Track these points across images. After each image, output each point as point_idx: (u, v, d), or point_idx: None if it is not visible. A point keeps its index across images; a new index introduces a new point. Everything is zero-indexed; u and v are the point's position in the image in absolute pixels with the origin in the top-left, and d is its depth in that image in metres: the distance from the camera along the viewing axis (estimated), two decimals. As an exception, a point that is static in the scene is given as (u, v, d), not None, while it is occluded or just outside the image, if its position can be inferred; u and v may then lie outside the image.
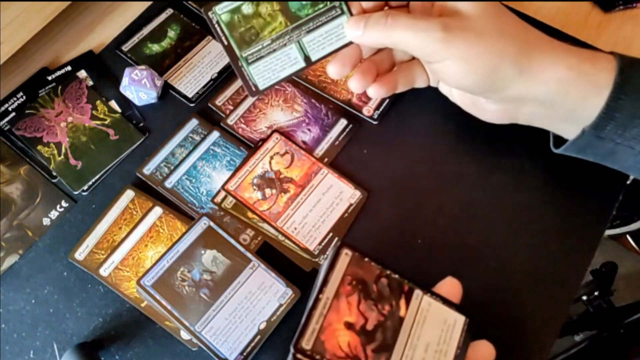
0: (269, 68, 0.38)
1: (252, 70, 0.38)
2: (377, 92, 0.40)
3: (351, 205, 0.43)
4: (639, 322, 0.90)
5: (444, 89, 0.42)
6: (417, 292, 0.31)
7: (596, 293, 0.96)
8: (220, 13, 0.36)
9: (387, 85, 0.40)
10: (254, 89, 0.39)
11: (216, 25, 0.37)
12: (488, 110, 0.39)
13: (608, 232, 1.06)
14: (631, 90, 0.32)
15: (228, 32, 0.37)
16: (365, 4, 0.37)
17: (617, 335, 0.91)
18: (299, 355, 0.28)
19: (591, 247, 0.41)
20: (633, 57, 0.34)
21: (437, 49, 0.34)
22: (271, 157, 0.45)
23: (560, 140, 0.38)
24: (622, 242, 1.10)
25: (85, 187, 0.45)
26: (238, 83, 0.49)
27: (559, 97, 0.34)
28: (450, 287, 0.33)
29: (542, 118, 0.37)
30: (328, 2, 0.37)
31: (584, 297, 0.97)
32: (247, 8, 0.36)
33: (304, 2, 0.37)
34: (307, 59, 0.39)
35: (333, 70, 0.39)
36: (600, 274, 0.97)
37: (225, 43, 0.37)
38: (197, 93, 0.49)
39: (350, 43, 0.38)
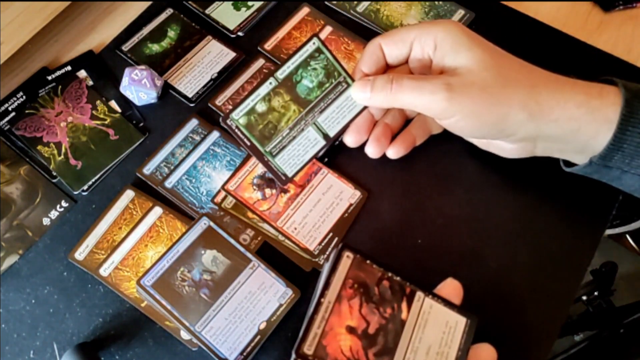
0: (293, 155, 0.40)
1: (278, 162, 0.40)
2: (397, 154, 0.42)
3: (351, 205, 0.43)
4: (639, 322, 0.90)
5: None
6: (419, 294, 0.31)
7: (596, 293, 0.96)
8: (238, 118, 0.39)
9: (405, 144, 0.42)
10: (283, 178, 0.41)
11: (236, 130, 0.39)
12: (505, 149, 0.40)
13: (608, 231, 1.06)
14: (638, 122, 0.33)
15: (248, 133, 0.39)
16: (367, 70, 0.40)
17: (617, 335, 0.91)
18: None
19: (591, 247, 0.41)
20: (634, 84, 0.35)
21: (443, 108, 0.35)
22: (271, 157, 0.45)
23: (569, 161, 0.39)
24: (622, 242, 1.10)
25: (85, 187, 0.45)
26: (238, 83, 0.49)
27: (572, 134, 0.35)
28: (451, 288, 0.33)
29: (559, 151, 0.39)
30: (332, 80, 0.40)
31: (584, 297, 0.97)
32: (261, 106, 0.38)
33: (310, 86, 0.39)
34: (326, 136, 0.41)
35: (351, 140, 0.41)
36: (600, 274, 0.97)
37: (248, 143, 0.39)
38: (197, 93, 0.49)
39: (363, 109, 0.41)
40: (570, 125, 0.34)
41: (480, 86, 0.34)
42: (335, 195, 0.43)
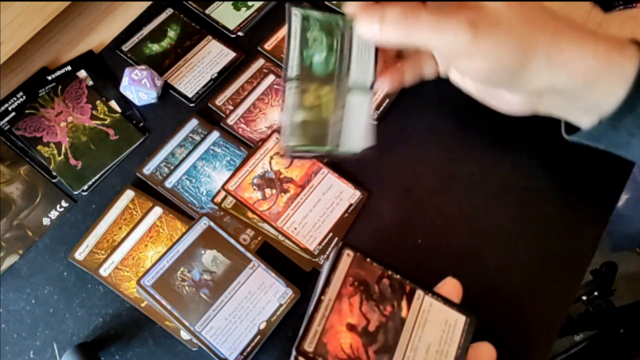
0: (352, 130, 0.36)
1: (343, 149, 0.36)
2: (382, 86, 0.38)
3: (351, 205, 0.43)
4: (639, 322, 0.90)
5: (457, 79, 0.39)
6: (419, 293, 0.31)
7: (596, 293, 0.96)
8: (291, 144, 0.35)
9: (393, 78, 0.38)
10: (359, 154, 0.37)
11: (297, 154, 0.35)
12: (508, 102, 0.37)
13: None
14: None
15: (307, 147, 0.35)
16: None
17: (617, 335, 0.91)
18: (301, 358, 0.28)
19: (591, 247, 0.41)
20: None
21: (464, 49, 0.32)
22: (271, 157, 0.45)
23: (571, 127, 0.37)
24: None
25: (85, 187, 0.45)
26: (238, 83, 0.49)
27: (585, 88, 0.33)
28: (450, 287, 0.33)
29: (563, 109, 0.36)
30: (336, 33, 0.35)
31: (584, 297, 0.97)
32: (298, 116, 0.35)
33: (323, 58, 0.35)
34: (366, 90, 0.37)
35: (384, 85, 0.37)
36: (600, 274, 0.97)
37: (312, 155, 0.36)
38: (197, 93, 0.49)
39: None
40: (586, 77, 0.33)
41: (506, 27, 0.32)
42: (335, 195, 0.43)
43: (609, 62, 0.33)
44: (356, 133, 0.37)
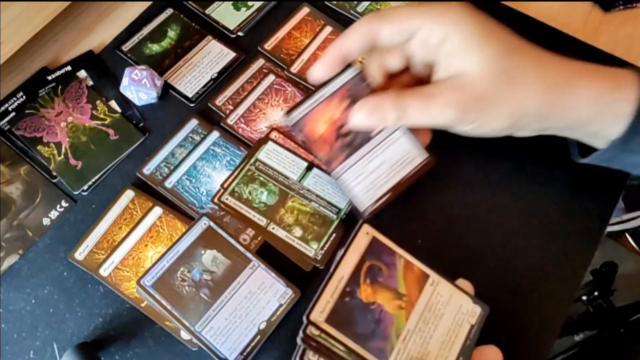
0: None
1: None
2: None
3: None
4: (639, 322, 0.90)
5: None
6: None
7: (596, 293, 0.96)
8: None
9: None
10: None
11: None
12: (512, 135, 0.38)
13: (608, 229, 1.06)
14: None
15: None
16: (350, 54, 0.35)
17: (617, 335, 0.91)
18: (311, 327, 0.28)
19: (591, 247, 0.41)
20: None
21: (455, 123, 0.34)
22: (271, 157, 0.45)
23: (584, 149, 0.38)
24: (622, 242, 1.10)
25: (85, 187, 0.45)
26: (238, 83, 0.49)
27: (582, 126, 0.34)
28: (463, 287, 0.33)
29: (569, 136, 0.38)
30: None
31: (584, 297, 0.97)
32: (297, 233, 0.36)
33: (265, 197, 0.38)
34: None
35: (317, 71, 0.36)
36: (600, 274, 0.97)
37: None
38: (197, 93, 0.49)
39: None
40: (580, 119, 0.34)
41: (493, 97, 0.32)
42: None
43: (604, 105, 0.33)
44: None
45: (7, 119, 0.48)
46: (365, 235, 0.30)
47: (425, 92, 0.34)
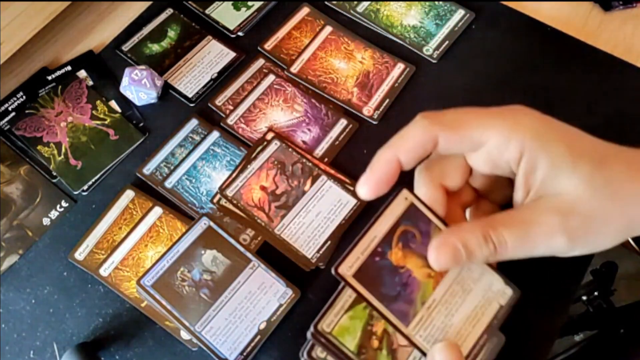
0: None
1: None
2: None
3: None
4: (639, 322, 0.90)
5: None
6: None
7: (596, 293, 0.96)
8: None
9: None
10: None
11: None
12: None
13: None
14: None
15: None
16: (407, 165, 0.30)
17: (617, 335, 0.91)
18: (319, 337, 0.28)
19: (591, 247, 0.41)
20: None
21: (562, 252, 0.29)
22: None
23: None
24: (622, 242, 1.10)
25: (85, 187, 0.45)
26: (238, 83, 0.49)
27: None
28: None
29: None
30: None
31: (584, 297, 0.96)
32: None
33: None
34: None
35: (365, 192, 0.29)
36: (600, 274, 0.97)
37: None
38: (197, 93, 0.49)
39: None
40: None
41: (602, 217, 0.28)
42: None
43: None
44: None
45: (7, 119, 0.48)
46: (403, 200, 0.29)
47: (521, 219, 0.28)
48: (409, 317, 0.28)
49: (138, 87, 0.47)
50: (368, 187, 0.29)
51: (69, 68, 0.51)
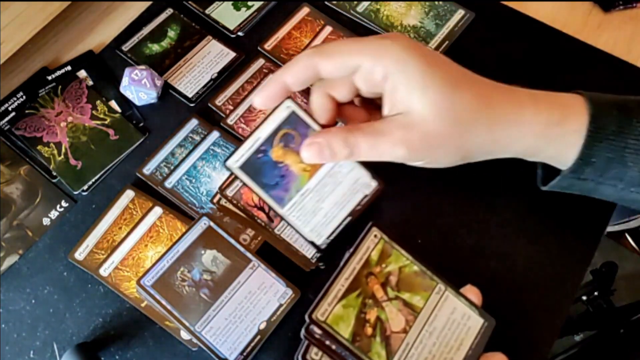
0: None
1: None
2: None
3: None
4: (639, 322, 0.90)
5: None
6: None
7: (596, 293, 0.96)
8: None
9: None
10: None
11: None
12: None
13: (608, 229, 1.06)
14: (604, 137, 0.33)
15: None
16: (294, 86, 0.35)
17: (617, 335, 0.91)
18: (313, 327, 0.30)
19: (591, 247, 0.41)
20: (602, 96, 0.34)
21: (404, 160, 0.34)
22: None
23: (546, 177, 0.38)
24: (622, 242, 1.10)
25: (85, 187, 0.45)
26: (238, 83, 0.49)
27: (533, 155, 0.35)
28: (471, 294, 0.34)
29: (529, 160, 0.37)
30: None
31: (584, 297, 0.97)
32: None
33: None
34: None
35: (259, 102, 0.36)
36: (600, 274, 0.97)
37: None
38: (197, 93, 0.49)
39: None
40: (528, 151, 0.35)
41: (440, 137, 0.33)
42: None
43: (551, 138, 0.34)
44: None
45: (7, 118, 0.48)
46: (286, 108, 0.34)
47: (374, 129, 0.33)
48: (285, 201, 0.34)
49: (138, 87, 0.47)
50: (260, 98, 0.35)
51: (69, 68, 0.51)
